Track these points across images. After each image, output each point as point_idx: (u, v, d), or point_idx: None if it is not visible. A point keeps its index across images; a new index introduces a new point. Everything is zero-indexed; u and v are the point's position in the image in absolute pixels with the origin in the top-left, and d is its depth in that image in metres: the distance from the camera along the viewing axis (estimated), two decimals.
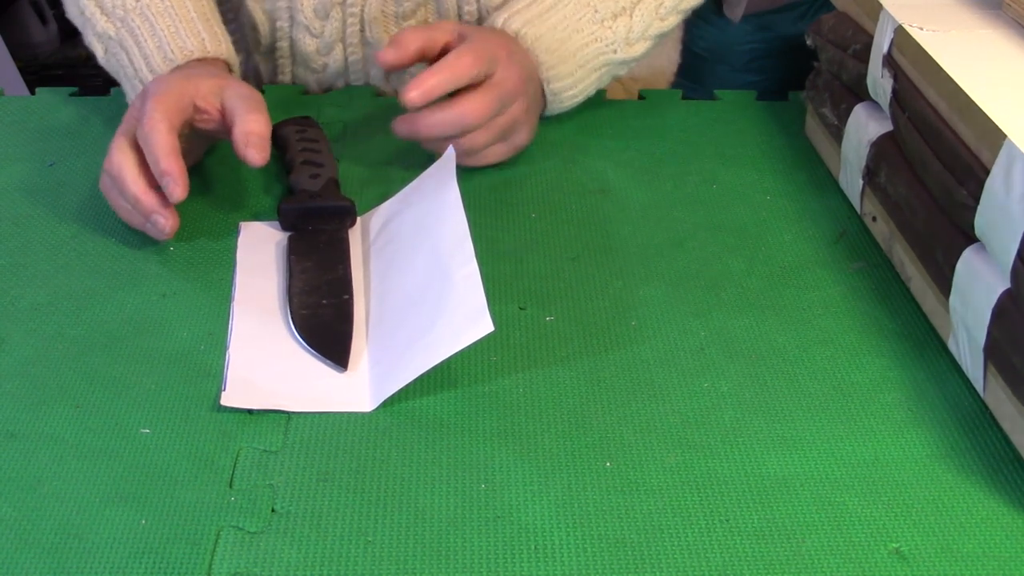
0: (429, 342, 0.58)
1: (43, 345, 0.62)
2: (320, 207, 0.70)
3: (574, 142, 0.81)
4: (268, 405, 0.57)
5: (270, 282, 0.66)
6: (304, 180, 0.72)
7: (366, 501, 0.52)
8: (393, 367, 0.59)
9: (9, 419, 0.57)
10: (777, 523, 0.52)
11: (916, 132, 0.63)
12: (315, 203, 0.70)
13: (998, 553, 0.50)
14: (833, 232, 0.72)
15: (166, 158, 0.65)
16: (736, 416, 0.58)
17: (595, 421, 0.57)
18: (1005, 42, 0.65)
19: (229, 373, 0.59)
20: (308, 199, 0.71)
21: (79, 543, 0.50)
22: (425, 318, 0.60)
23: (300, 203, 0.70)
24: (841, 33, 0.75)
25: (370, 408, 0.57)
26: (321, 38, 0.85)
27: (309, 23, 0.84)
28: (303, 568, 0.49)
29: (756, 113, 0.86)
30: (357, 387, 0.59)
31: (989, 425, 0.57)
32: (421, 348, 0.58)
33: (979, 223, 0.56)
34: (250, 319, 0.63)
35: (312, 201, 0.70)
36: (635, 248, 0.70)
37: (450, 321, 0.58)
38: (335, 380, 0.59)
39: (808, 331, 0.63)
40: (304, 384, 0.59)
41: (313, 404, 0.58)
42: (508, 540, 0.51)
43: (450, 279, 0.60)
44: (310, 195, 0.71)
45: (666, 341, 0.62)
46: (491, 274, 0.67)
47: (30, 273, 0.67)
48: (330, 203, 0.71)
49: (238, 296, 0.65)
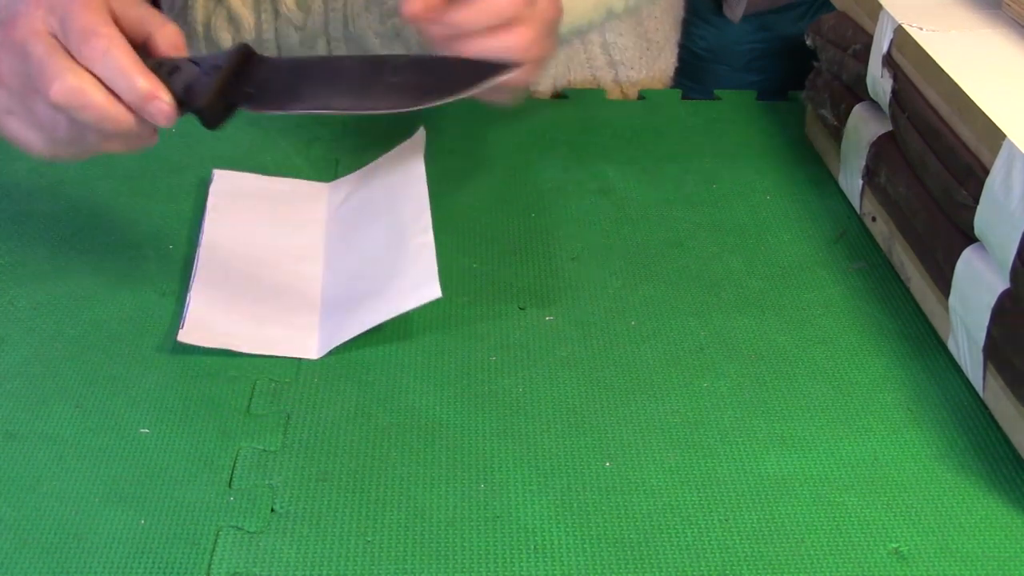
0: (379, 301, 0.62)
1: (42, 345, 0.62)
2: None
3: (574, 142, 0.81)
4: (222, 344, 0.61)
5: (237, 228, 0.70)
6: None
7: (365, 501, 0.52)
8: (343, 321, 0.62)
9: (9, 419, 0.57)
10: (776, 523, 0.52)
11: (916, 132, 0.63)
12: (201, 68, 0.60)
13: (997, 553, 0.50)
14: (833, 232, 0.72)
15: (146, 76, 0.56)
16: (735, 416, 0.58)
17: (594, 421, 0.57)
18: (1005, 42, 0.65)
19: (188, 312, 0.62)
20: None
21: (78, 543, 0.50)
22: (378, 279, 0.63)
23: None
24: (841, 33, 0.75)
25: (316, 356, 0.61)
26: (303, 31, 0.85)
27: (291, 15, 0.84)
28: (302, 568, 0.49)
29: (756, 113, 0.86)
30: (307, 335, 0.62)
31: (988, 425, 0.57)
32: (371, 306, 0.62)
33: (979, 223, 0.56)
34: (214, 263, 0.66)
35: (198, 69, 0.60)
36: (635, 248, 0.70)
37: (401, 283, 0.62)
38: (288, 327, 0.63)
39: (808, 331, 0.63)
40: (258, 328, 0.62)
41: (264, 347, 0.61)
42: (507, 540, 0.51)
43: (406, 245, 0.63)
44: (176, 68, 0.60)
45: (666, 341, 0.62)
46: (491, 274, 0.67)
47: (29, 272, 0.67)
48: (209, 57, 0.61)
49: (205, 241, 0.68)
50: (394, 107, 0.61)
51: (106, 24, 0.56)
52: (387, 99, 0.61)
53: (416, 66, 0.62)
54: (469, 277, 0.67)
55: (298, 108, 0.61)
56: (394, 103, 0.61)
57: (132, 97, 0.56)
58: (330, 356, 0.61)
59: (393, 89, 0.61)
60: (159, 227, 0.71)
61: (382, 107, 0.61)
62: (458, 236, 0.70)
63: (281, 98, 0.61)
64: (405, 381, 0.59)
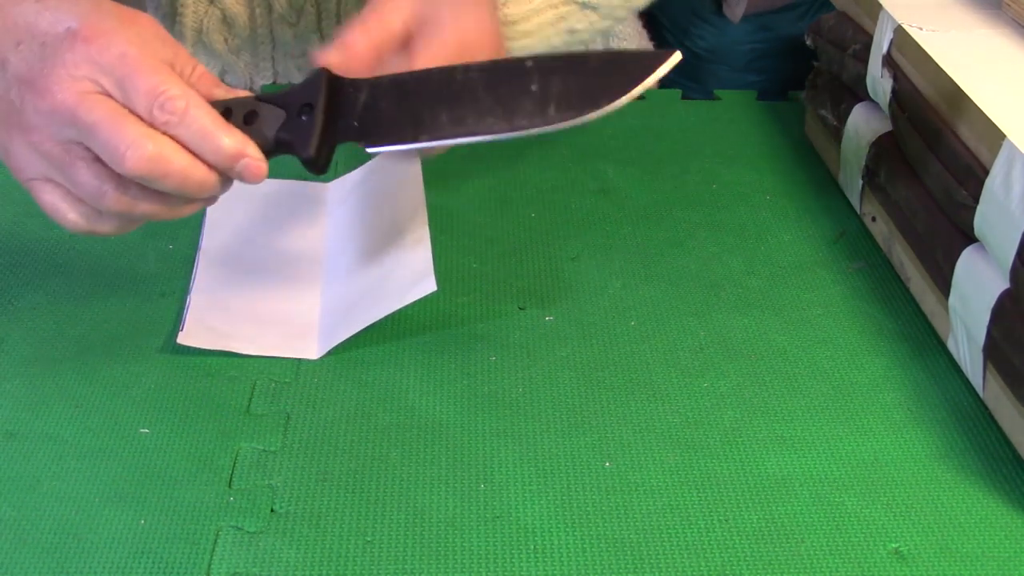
0: (377, 298, 0.61)
1: (42, 345, 0.62)
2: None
3: (574, 142, 0.81)
4: (222, 346, 0.61)
5: (237, 229, 0.70)
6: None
7: (365, 501, 0.52)
8: (342, 320, 0.62)
9: (9, 419, 0.57)
10: (776, 523, 0.52)
11: (916, 132, 0.63)
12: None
13: (997, 553, 0.50)
14: (833, 232, 0.72)
15: (231, 133, 0.52)
16: (735, 416, 0.57)
17: (594, 421, 0.57)
18: (1005, 42, 0.65)
19: (188, 314, 0.62)
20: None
21: (78, 543, 0.50)
22: (375, 276, 0.63)
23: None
24: (841, 33, 0.75)
25: (315, 356, 0.61)
26: (296, 27, 0.85)
27: (285, 13, 0.84)
28: (302, 568, 0.49)
29: (756, 113, 0.86)
30: (307, 335, 0.62)
31: (988, 425, 0.57)
32: (369, 303, 0.61)
33: (979, 223, 0.56)
34: (214, 264, 0.67)
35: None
36: (635, 248, 0.70)
37: (398, 279, 0.61)
38: (287, 327, 0.63)
39: (808, 331, 0.63)
40: (258, 330, 0.62)
41: (264, 349, 0.61)
42: (507, 540, 0.51)
43: (402, 242, 0.63)
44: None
45: (666, 341, 0.62)
46: (491, 274, 0.67)
47: (29, 273, 0.67)
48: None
49: (205, 241, 0.68)
50: (554, 122, 0.53)
51: (176, 81, 0.51)
52: (541, 114, 0.53)
53: (557, 68, 0.54)
54: (469, 277, 0.67)
55: (428, 138, 0.54)
56: (553, 117, 0.53)
57: (218, 158, 0.52)
58: (330, 356, 0.61)
59: (544, 100, 0.53)
60: (159, 227, 0.71)
61: (539, 124, 0.53)
62: (458, 236, 0.70)
63: (399, 128, 0.54)
64: (405, 381, 0.59)
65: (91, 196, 0.53)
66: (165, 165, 0.51)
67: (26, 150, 0.52)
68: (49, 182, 0.53)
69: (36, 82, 0.51)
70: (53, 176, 0.53)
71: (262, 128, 0.53)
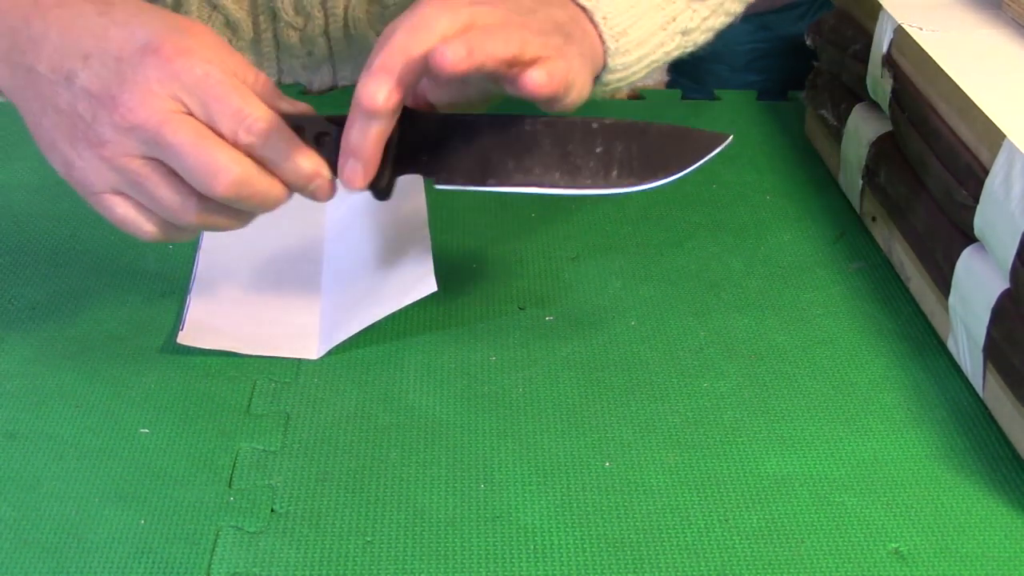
0: (377, 298, 0.61)
1: (42, 345, 0.61)
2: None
3: None
4: (221, 346, 0.61)
5: (238, 232, 0.68)
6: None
7: (365, 501, 0.52)
8: (342, 320, 0.62)
9: (9, 419, 0.57)
10: (776, 523, 0.52)
11: (916, 132, 0.63)
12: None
13: (997, 553, 0.50)
14: (833, 232, 0.72)
15: (308, 156, 0.54)
16: (735, 416, 0.57)
17: (594, 421, 0.57)
18: (1005, 42, 0.65)
19: (188, 314, 0.62)
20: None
21: (78, 543, 0.50)
22: (376, 277, 0.63)
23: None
24: (841, 33, 0.75)
25: (316, 356, 0.61)
26: (303, 31, 0.85)
27: (291, 20, 0.84)
28: (302, 568, 0.49)
29: (756, 113, 0.86)
30: (307, 335, 0.62)
31: (988, 425, 0.57)
32: (369, 303, 0.62)
33: (978, 223, 0.56)
34: (214, 264, 0.67)
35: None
36: (635, 248, 0.70)
37: (398, 279, 0.62)
38: (287, 327, 0.63)
39: (808, 331, 0.63)
40: (258, 330, 0.62)
41: (264, 349, 0.61)
42: (507, 540, 0.51)
43: (403, 242, 0.64)
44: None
45: (665, 341, 0.62)
46: (491, 274, 0.67)
47: (29, 272, 0.67)
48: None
49: (205, 241, 0.68)
50: (615, 186, 0.55)
51: (257, 103, 0.52)
52: (604, 176, 0.55)
53: (621, 134, 0.56)
54: (469, 277, 0.67)
55: (495, 183, 0.56)
56: (615, 181, 0.55)
57: (296, 178, 0.54)
58: (330, 356, 0.61)
59: (607, 163, 0.56)
60: None
61: (600, 185, 0.55)
62: (458, 236, 0.70)
63: (468, 169, 0.56)
64: (405, 381, 0.59)
65: (172, 211, 0.53)
66: (250, 188, 0.52)
67: (96, 164, 0.52)
68: (120, 195, 0.54)
69: (114, 98, 0.51)
70: (125, 190, 0.53)
71: (334, 152, 0.55)
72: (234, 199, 0.52)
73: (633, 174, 0.55)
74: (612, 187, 0.55)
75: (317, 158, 0.54)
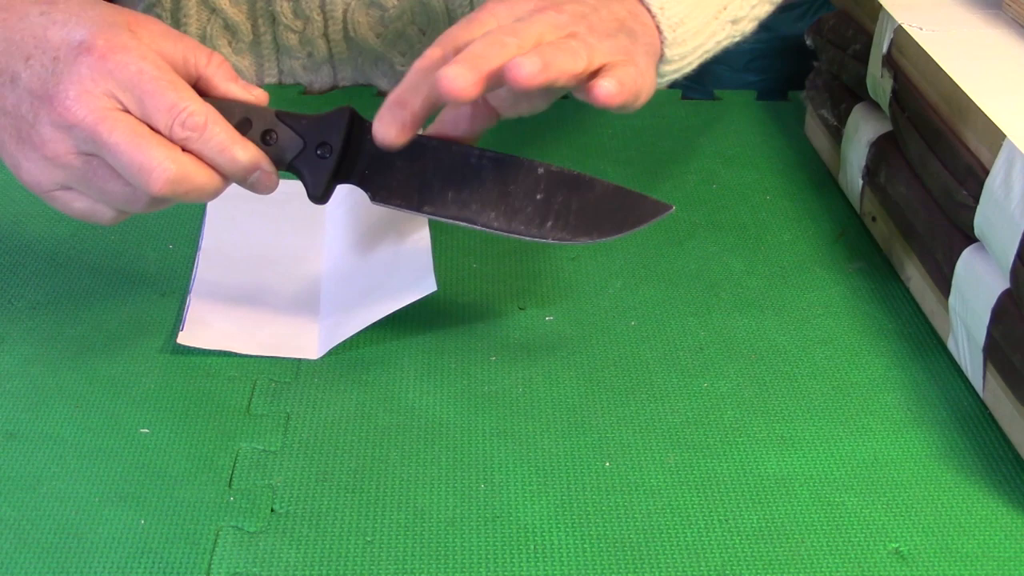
0: (377, 298, 0.62)
1: (42, 344, 0.62)
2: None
3: (574, 142, 0.81)
4: (222, 346, 0.61)
5: (237, 229, 0.70)
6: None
7: (365, 501, 0.52)
8: (342, 320, 0.62)
9: (9, 419, 0.57)
10: (776, 523, 0.52)
11: (916, 132, 0.63)
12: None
13: (997, 553, 0.50)
14: (833, 232, 0.72)
15: (246, 148, 0.54)
16: (735, 416, 0.58)
17: (594, 421, 0.57)
18: (1005, 42, 0.65)
19: (188, 314, 0.62)
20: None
21: (78, 543, 0.50)
22: (376, 277, 0.63)
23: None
24: (841, 33, 0.75)
25: (316, 356, 0.61)
26: (302, 34, 0.85)
27: (289, 23, 0.84)
28: (302, 568, 0.49)
29: (756, 113, 0.86)
30: (307, 336, 0.62)
31: (988, 425, 0.57)
32: (369, 303, 0.62)
33: (979, 223, 0.56)
34: (215, 264, 0.67)
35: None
36: (635, 248, 0.70)
37: (398, 279, 0.62)
38: (288, 327, 0.63)
39: (808, 331, 0.63)
40: (258, 330, 0.62)
41: (264, 349, 0.61)
42: (507, 540, 0.51)
43: (402, 242, 0.64)
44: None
45: (665, 341, 0.62)
46: (491, 274, 0.67)
47: (29, 272, 0.67)
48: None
49: (205, 241, 0.69)
50: (547, 237, 0.56)
51: (193, 96, 0.52)
52: (538, 225, 0.56)
53: (564, 184, 0.56)
54: (469, 277, 0.67)
55: (430, 211, 0.57)
56: (548, 232, 0.56)
57: (234, 170, 0.54)
58: (330, 356, 0.61)
59: (544, 213, 0.56)
60: (159, 227, 0.71)
61: (534, 235, 0.56)
62: (458, 236, 0.70)
63: (406, 192, 0.57)
64: (405, 381, 0.59)
65: (123, 202, 0.54)
66: (187, 184, 0.52)
67: (42, 164, 0.52)
68: (72, 191, 0.54)
69: (52, 97, 0.51)
70: (74, 186, 0.53)
71: (278, 152, 0.55)
72: (170, 196, 0.52)
73: (567, 229, 0.56)
74: (544, 238, 0.56)
75: (256, 150, 0.54)
